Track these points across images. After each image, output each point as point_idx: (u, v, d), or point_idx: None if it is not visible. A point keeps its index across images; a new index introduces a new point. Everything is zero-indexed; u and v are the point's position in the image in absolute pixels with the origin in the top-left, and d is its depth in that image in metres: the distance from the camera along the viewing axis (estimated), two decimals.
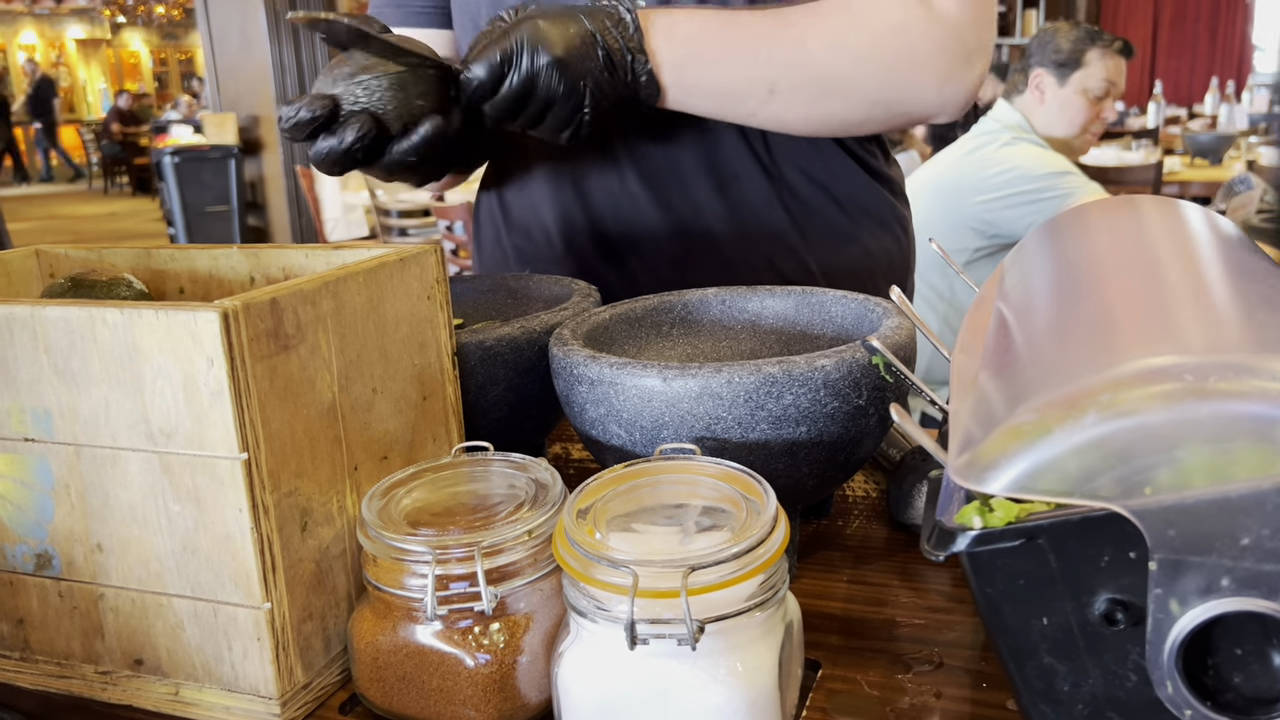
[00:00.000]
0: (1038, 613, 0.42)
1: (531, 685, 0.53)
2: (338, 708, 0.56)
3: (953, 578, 0.65)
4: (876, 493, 0.77)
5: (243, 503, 0.51)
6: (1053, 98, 2.37)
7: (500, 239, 1.11)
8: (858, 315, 0.74)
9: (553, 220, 1.03)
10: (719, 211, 0.98)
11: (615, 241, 1.00)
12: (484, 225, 1.14)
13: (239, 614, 0.53)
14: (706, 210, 0.97)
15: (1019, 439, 0.40)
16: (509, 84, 0.78)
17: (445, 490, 0.58)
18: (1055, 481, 0.39)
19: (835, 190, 1.00)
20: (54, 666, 0.59)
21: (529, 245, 1.07)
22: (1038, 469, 0.39)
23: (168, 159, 6.90)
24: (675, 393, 0.61)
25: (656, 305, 0.81)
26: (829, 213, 1.00)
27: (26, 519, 0.57)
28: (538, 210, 1.04)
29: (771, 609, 0.50)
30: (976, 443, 0.43)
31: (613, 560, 0.48)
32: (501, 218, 1.10)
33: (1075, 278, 0.60)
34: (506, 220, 1.09)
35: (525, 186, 1.06)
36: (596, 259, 1.02)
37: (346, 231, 5.51)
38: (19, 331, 0.53)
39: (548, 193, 1.03)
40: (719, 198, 0.97)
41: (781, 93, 0.84)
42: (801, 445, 0.62)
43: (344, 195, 5.55)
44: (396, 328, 0.61)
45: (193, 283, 0.74)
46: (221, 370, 0.49)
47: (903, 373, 0.52)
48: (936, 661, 0.56)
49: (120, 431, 0.52)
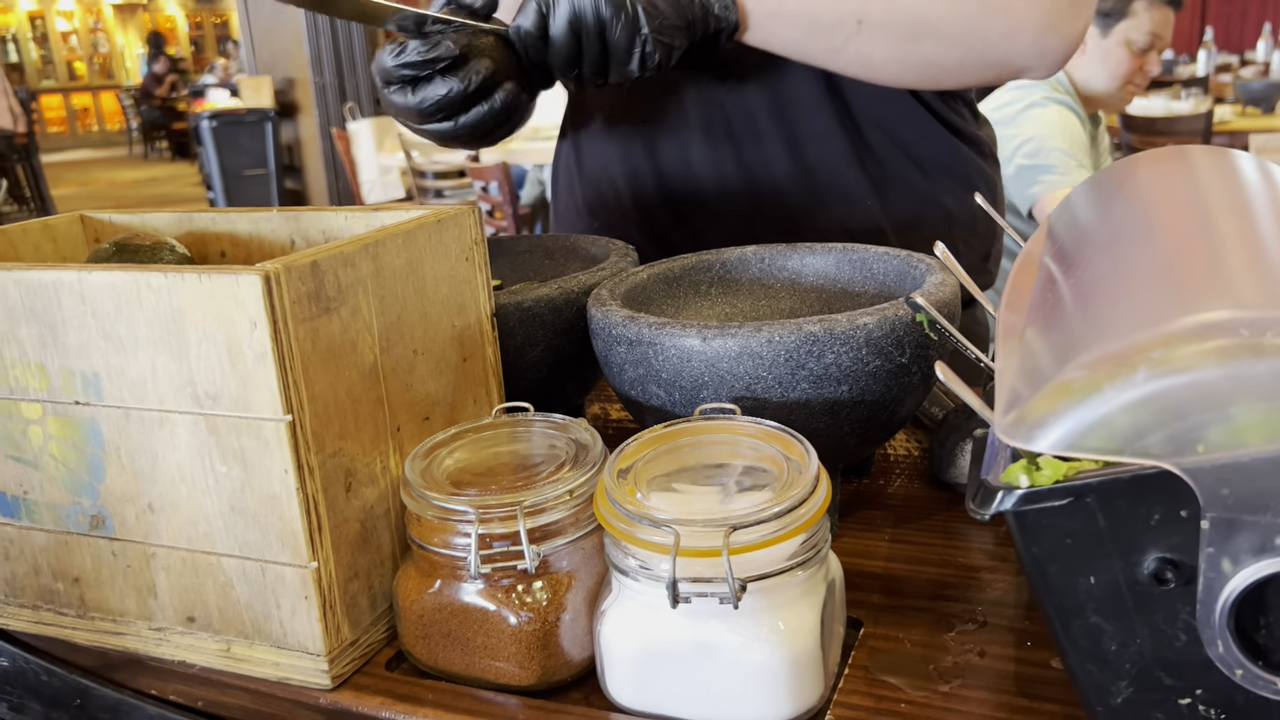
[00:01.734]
0: (1085, 572, 0.41)
1: (574, 643, 0.54)
2: (384, 664, 0.57)
3: (995, 536, 0.64)
4: (918, 451, 0.77)
5: (288, 464, 0.51)
6: (1094, 49, 2.28)
7: (574, 190, 1.09)
8: (900, 272, 0.73)
9: (621, 175, 1.01)
10: (791, 170, 0.94)
11: (682, 199, 0.98)
12: (560, 175, 1.12)
13: (286, 573, 0.54)
14: (778, 169, 0.94)
15: (1068, 396, 0.40)
16: (554, 25, 0.76)
17: (487, 450, 0.58)
18: (1105, 439, 0.39)
19: (917, 151, 0.95)
20: (109, 623, 0.60)
21: (598, 200, 1.05)
22: (1087, 426, 0.39)
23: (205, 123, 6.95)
24: (714, 352, 0.61)
25: (694, 264, 0.80)
26: (909, 174, 0.96)
27: (79, 480, 0.58)
28: (608, 165, 1.02)
29: (813, 568, 0.50)
30: (1023, 400, 0.42)
31: (654, 520, 0.48)
32: (576, 169, 1.08)
33: (1125, 232, 0.58)
34: (580, 173, 1.07)
35: (597, 140, 1.04)
36: (664, 216, 1.00)
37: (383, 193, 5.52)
38: (67, 296, 0.54)
39: (617, 148, 1.01)
40: (791, 156, 0.94)
41: (871, 25, 0.79)
42: (843, 404, 0.61)
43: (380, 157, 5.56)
44: (436, 289, 0.61)
45: (234, 246, 0.74)
46: (265, 333, 0.49)
47: (947, 330, 0.51)
48: (980, 620, 0.56)
49: (167, 394, 0.53)
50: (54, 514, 0.59)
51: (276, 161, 7.05)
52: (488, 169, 4.21)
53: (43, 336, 0.55)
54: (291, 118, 7.22)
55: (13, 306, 0.56)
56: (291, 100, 7.19)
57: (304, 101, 7.13)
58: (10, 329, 0.56)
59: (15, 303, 0.55)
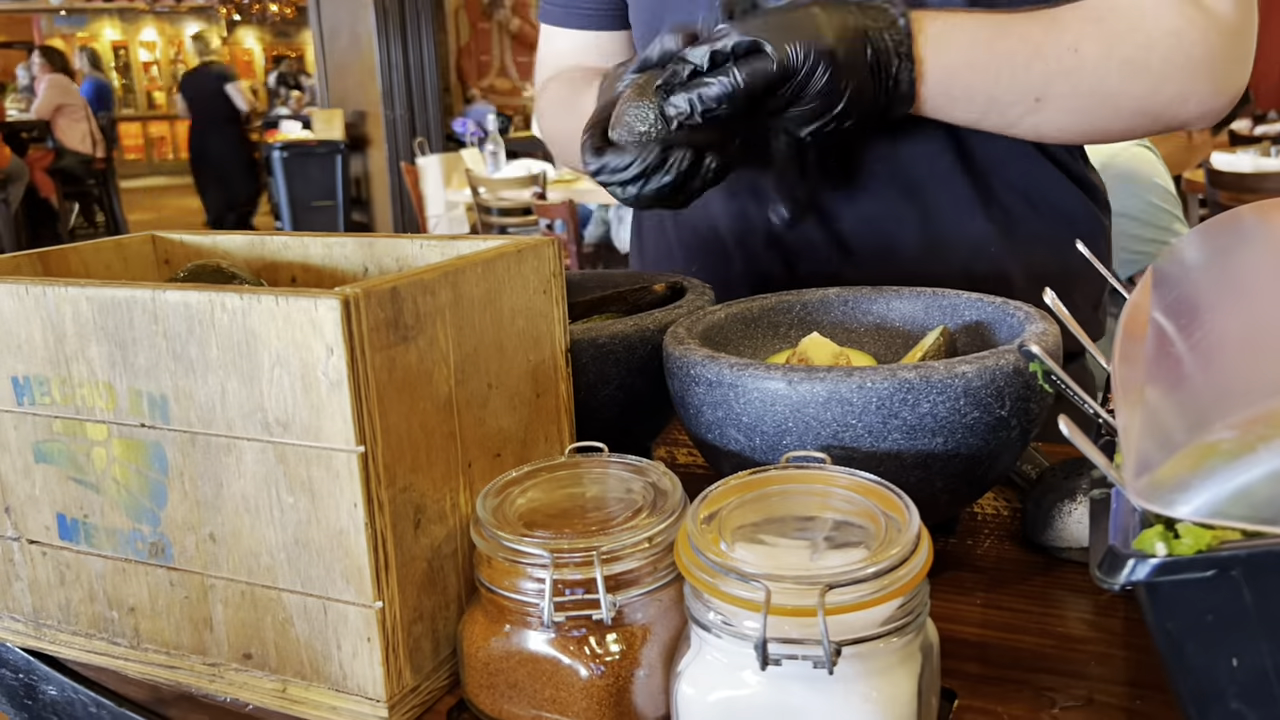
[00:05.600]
0: (1227, 653, 0.37)
1: (647, 700, 0.51)
2: (445, 713, 0.54)
3: (1095, 605, 0.60)
4: (1007, 510, 0.73)
5: (358, 497, 0.49)
6: None
7: (665, 231, 1.06)
8: (994, 320, 0.69)
9: (723, 215, 0.98)
10: (906, 216, 0.91)
11: (787, 243, 0.95)
12: (646, 217, 1.10)
13: (350, 612, 0.51)
14: (890, 215, 0.91)
15: (1215, 458, 0.36)
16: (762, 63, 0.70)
17: (560, 491, 0.56)
18: (1255, 507, 0.35)
19: (1039, 197, 0.93)
20: (163, 656, 0.58)
21: (694, 239, 1.02)
22: (1236, 492, 0.35)
23: (277, 153, 7.09)
24: (801, 397, 0.58)
25: (774, 305, 0.78)
26: (1031, 220, 0.92)
27: (141, 506, 0.56)
28: (707, 204, 0.98)
29: (910, 634, 0.46)
30: (1157, 462, 0.39)
31: (742, 573, 0.45)
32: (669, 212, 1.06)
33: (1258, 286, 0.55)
34: (674, 214, 1.04)
35: None
36: (766, 259, 0.96)
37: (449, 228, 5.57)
38: (139, 315, 0.52)
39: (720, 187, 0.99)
40: (908, 203, 0.91)
41: (1049, 101, 0.78)
42: (937, 457, 0.58)
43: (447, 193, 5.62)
44: (513, 321, 0.59)
45: (305, 271, 0.73)
46: (341, 359, 0.47)
47: (1065, 382, 0.47)
48: (1085, 698, 0.51)
49: (236, 420, 0.51)
50: (113, 539, 0.58)
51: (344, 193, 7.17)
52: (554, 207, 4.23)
53: (112, 356, 0.54)
54: (361, 151, 7.35)
55: (84, 324, 0.54)
56: (362, 133, 7.32)
57: (374, 135, 7.26)
58: (80, 347, 0.55)
59: (87, 320, 0.54)
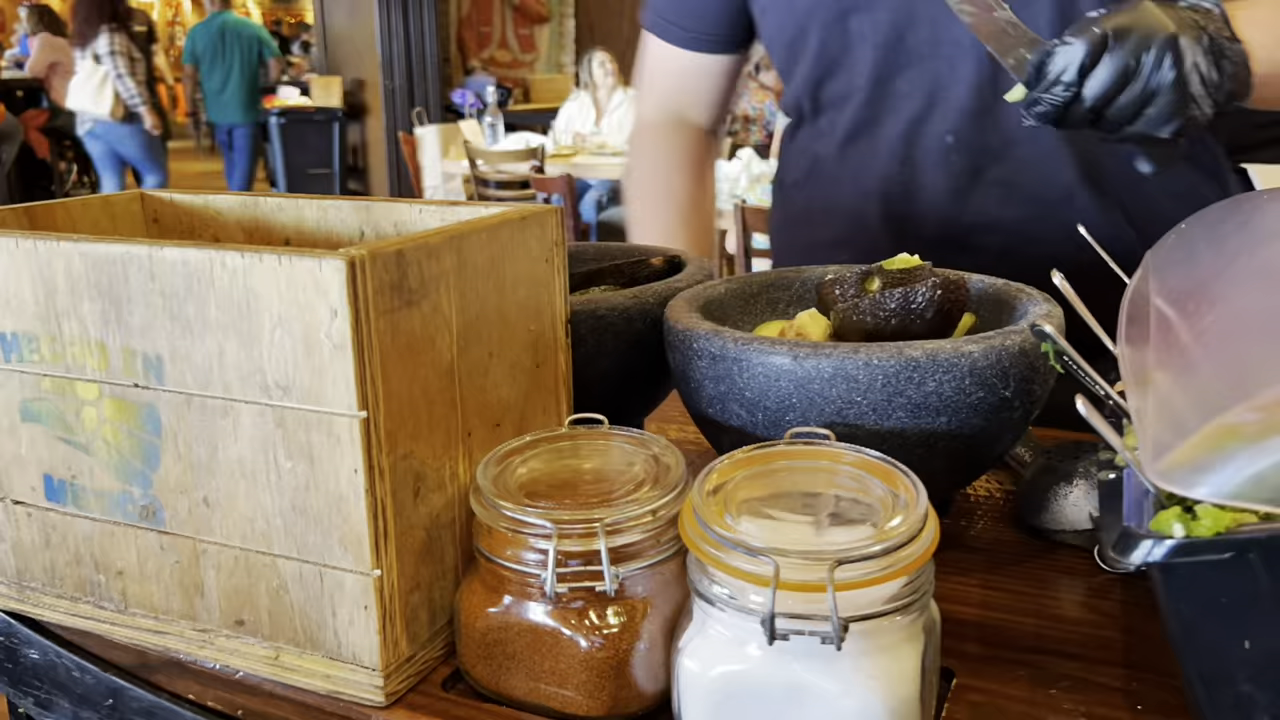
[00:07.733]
0: (1240, 635, 0.37)
1: (647, 674, 0.50)
2: (440, 683, 0.53)
3: (1091, 588, 0.60)
4: (1000, 493, 0.73)
5: (359, 463, 0.48)
6: None
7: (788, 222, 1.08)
8: (997, 301, 0.69)
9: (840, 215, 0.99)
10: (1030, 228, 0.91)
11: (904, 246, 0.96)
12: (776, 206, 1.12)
13: (346, 579, 0.50)
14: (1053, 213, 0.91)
15: (1235, 440, 0.36)
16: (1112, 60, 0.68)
17: (561, 462, 0.55)
18: (1278, 490, 0.35)
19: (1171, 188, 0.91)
20: (150, 621, 0.57)
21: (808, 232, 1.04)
22: (1259, 474, 0.35)
23: (274, 119, 6.95)
24: (806, 373, 0.57)
25: (774, 280, 0.77)
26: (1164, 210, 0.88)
27: (132, 468, 0.55)
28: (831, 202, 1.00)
29: (915, 613, 0.46)
30: (1172, 445, 0.38)
31: (749, 547, 0.44)
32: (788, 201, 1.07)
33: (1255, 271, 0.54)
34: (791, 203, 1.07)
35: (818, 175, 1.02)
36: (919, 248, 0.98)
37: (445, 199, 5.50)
38: (135, 272, 0.51)
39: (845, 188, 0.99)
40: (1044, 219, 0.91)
41: None
42: (940, 436, 0.58)
43: (444, 164, 5.54)
44: (515, 290, 0.58)
45: (299, 235, 0.71)
46: (345, 322, 0.46)
47: (1077, 363, 0.47)
48: (1082, 678, 0.52)
49: (234, 382, 0.50)
50: (102, 501, 0.56)
51: (341, 162, 7.05)
52: (552, 180, 4.19)
53: (105, 313, 0.53)
54: (359, 119, 7.23)
55: (76, 280, 0.53)
56: (360, 102, 7.20)
57: (372, 104, 7.15)
58: (72, 304, 0.53)
59: (79, 276, 0.53)
